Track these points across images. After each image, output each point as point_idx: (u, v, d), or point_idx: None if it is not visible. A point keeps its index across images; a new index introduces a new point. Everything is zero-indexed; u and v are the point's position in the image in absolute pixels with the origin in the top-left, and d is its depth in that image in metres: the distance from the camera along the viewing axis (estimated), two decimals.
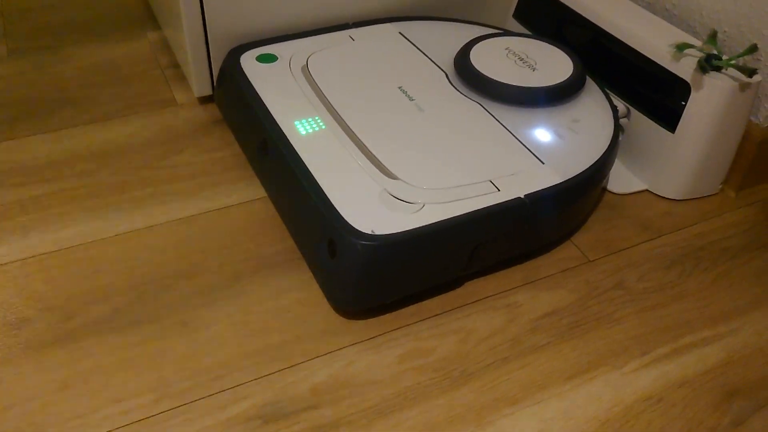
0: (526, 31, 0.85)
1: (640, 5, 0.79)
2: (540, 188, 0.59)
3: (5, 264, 0.60)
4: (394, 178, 0.59)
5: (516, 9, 0.87)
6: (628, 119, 0.73)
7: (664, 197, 0.72)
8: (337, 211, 0.55)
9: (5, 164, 0.70)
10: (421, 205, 0.56)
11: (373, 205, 0.56)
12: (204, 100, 0.81)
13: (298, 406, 0.51)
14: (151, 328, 0.56)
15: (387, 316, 0.58)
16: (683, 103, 0.66)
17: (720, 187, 0.73)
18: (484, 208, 0.56)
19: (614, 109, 0.69)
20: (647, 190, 0.72)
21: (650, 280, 0.63)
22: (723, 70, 0.65)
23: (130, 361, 0.53)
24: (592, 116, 0.67)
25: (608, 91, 0.74)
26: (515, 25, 0.87)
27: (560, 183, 0.60)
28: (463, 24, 0.82)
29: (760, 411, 0.53)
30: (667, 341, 0.58)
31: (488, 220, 0.56)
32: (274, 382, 0.52)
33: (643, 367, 0.56)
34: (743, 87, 0.64)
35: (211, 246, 0.63)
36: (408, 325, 0.57)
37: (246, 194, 0.69)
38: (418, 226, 0.54)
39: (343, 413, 0.51)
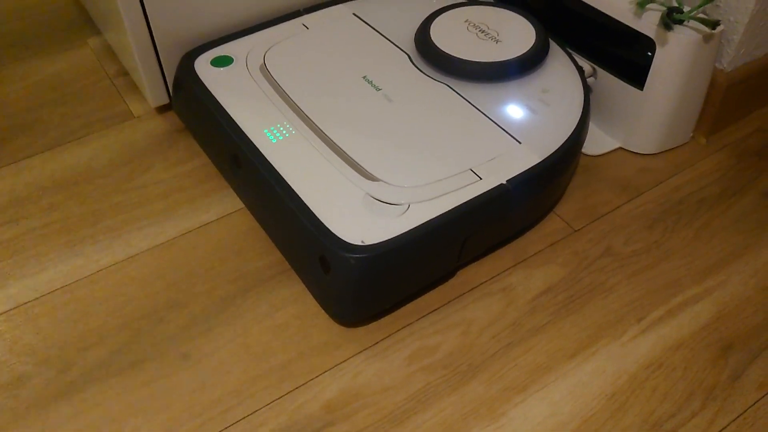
0: None
1: None
2: (520, 171, 0.59)
3: None
4: (375, 180, 0.58)
5: None
6: (595, 78, 0.73)
7: (637, 153, 0.72)
8: (323, 225, 0.54)
9: None
10: (407, 206, 0.56)
11: (358, 213, 0.55)
12: (162, 109, 0.78)
13: (314, 426, 0.51)
14: (153, 366, 0.55)
15: (387, 318, 0.58)
16: (649, 59, 0.66)
17: (691, 135, 0.74)
18: (469, 200, 0.56)
19: (580, 71, 0.69)
20: (621, 147, 0.73)
21: (636, 242, 0.64)
22: (686, 23, 0.65)
23: (138, 404, 0.53)
24: (561, 83, 0.67)
25: (572, 52, 0.73)
26: None
27: (540, 162, 0.59)
28: None
29: (755, 361, 0.55)
30: (660, 303, 0.59)
31: (474, 211, 0.56)
32: (286, 405, 0.53)
33: (641, 333, 0.57)
34: (707, 38, 0.64)
35: (197, 269, 0.62)
36: (409, 324, 0.58)
37: (223, 207, 0.67)
38: (406, 229, 0.54)
39: (360, 426, 0.51)
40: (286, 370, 0.55)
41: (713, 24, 0.63)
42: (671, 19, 0.64)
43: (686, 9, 0.66)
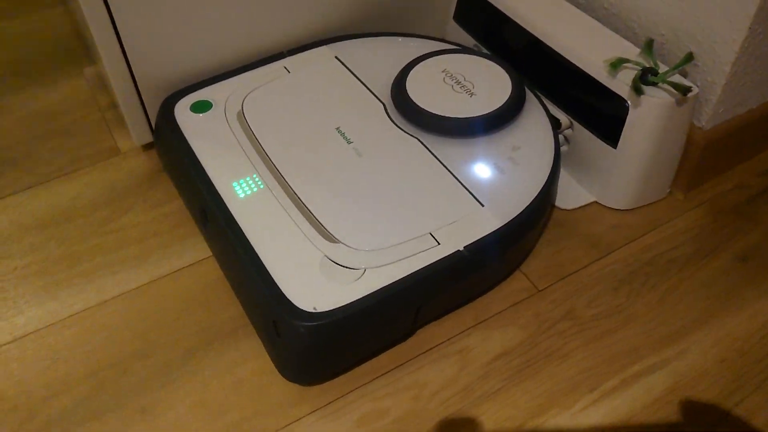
0: (467, 36, 0.83)
1: (578, 5, 0.77)
2: (479, 237, 0.59)
3: None
4: (335, 242, 0.59)
5: (455, 12, 0.84)
6: (572, 130, 0.72)
7: (612, 208, 0.72)
8: (278, 288, 0.55)
9: None
10: (362, 271, 0.57)
11: (314, 276, 0.56)
12: (147, 146, 0.80)
13: None
14: (113, 419, 0.57)
15: (341, 378, 0.59)
16: (623, 119, 0.66)
17: (668, 190, 0.73)
18: (424, 267, 0.57)
19: (554, 128, 0.68)
20: (596, 201, 0.72)
21: (599, 306, 0.64)
22: (660, 84, 0.64)
23: None
24: (533, 140, 0.67)
25: (549, 104, 0.73)
26: (455, 29, 0.84)
27: (500, 228, 0.60)
28: (400, 38, 0.79)
29: None
30: (615, 372, 0.59)
31: (429, 278, 0.57)
32: None
33: (592, 404, 0.57)
34: (681, 101, 0.63)
35: (164, 319, 0.64)
36: (363, 385, 0.59)
37: (195, 254, 0.69)
38: (359, 296, 0.55)
39: None
40: (240, 428, 0.56)
41: (685, 90, 0.62)
42: (644, 81, 0.63)
43: (662, 70, 0.65)
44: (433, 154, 0.66)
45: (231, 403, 0.58)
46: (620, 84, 0.65)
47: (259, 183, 0.64)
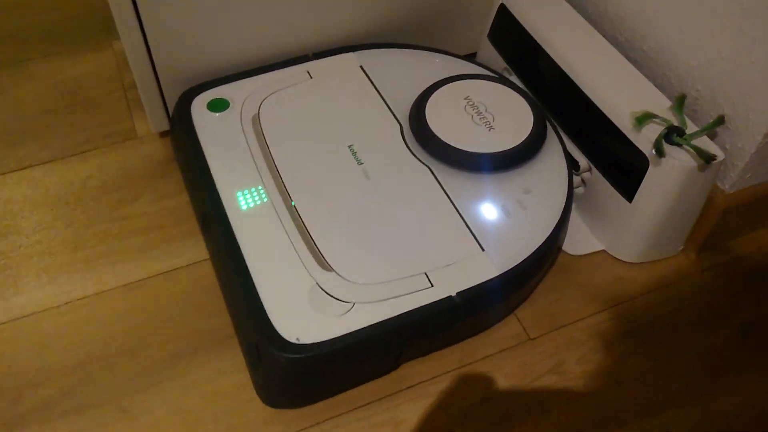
0: (498, 57, 0.80)
1: (616, 43, 0.74)
2: (474, 284, 0.58)
3: None
4: (329, 270, 0.58)
5: (490, 31, 0.81)
6: (591, 174, 0.70)
7: (620, 260, 0.70)
8: (265, 312, 0.55)
9: None
10: (351, 305, 0.56)
11: (302, 305, 0.56)
12: (164, 134, 0.80)
13: None
14: (94, 414, 0.58)
15: (319, 405, 0.59)
16: (641, 175, 0.63)
17: (681, 247, 0.71)
18: (414, 309, 0.56)
19: (571, 173, 0.66)
20: (604, 250, 0.71)
21: (589, 362, 0.63)
22: (685, 146, 0.61)
23: None
24: (545, 186, 0.65)
25: (569, 143, 0.71)
26: (488, 48, 0.82)
27: (497, 276, 0.59)
28: (429, 54, 0.77)
29: None
30: None
31: (417, 321, 0.56)
32: None
33: None
34: (702, 166, 0.61)
35: (156, 318, 0.64)
36: (338, 415, 0.59)
37: (195, 253, 0.69)
38: (344, 332, 0.55)
39: None
40: None
41: (709, 158, 0.59)
42: (669, 141, 0.61)
43: (690, 129, 0.62)
44: (441, 186, 0.64)
45: (207, 415, 0.59)
46: (644, 139, 0.62)
47: (264, 196, 0.64)
